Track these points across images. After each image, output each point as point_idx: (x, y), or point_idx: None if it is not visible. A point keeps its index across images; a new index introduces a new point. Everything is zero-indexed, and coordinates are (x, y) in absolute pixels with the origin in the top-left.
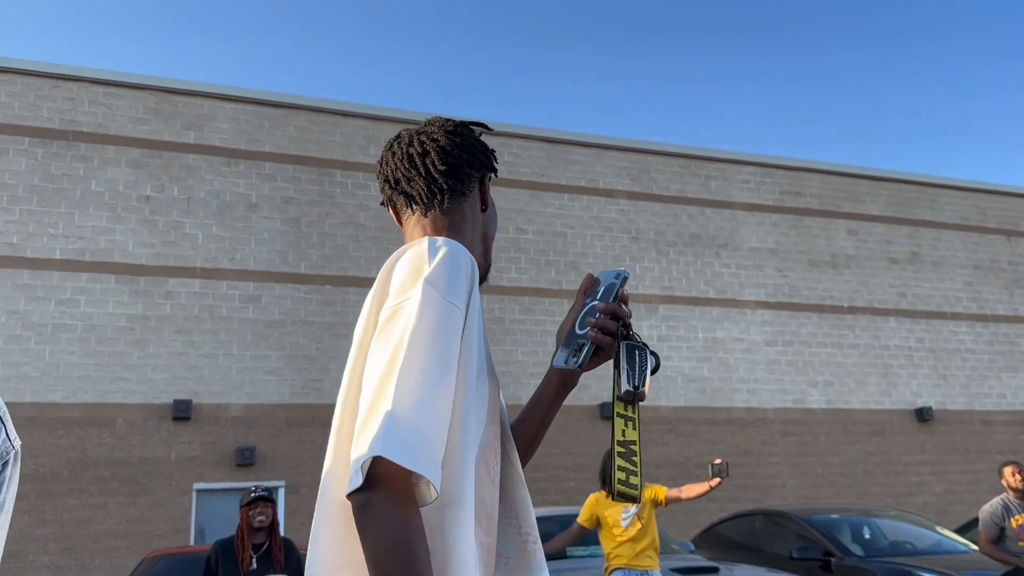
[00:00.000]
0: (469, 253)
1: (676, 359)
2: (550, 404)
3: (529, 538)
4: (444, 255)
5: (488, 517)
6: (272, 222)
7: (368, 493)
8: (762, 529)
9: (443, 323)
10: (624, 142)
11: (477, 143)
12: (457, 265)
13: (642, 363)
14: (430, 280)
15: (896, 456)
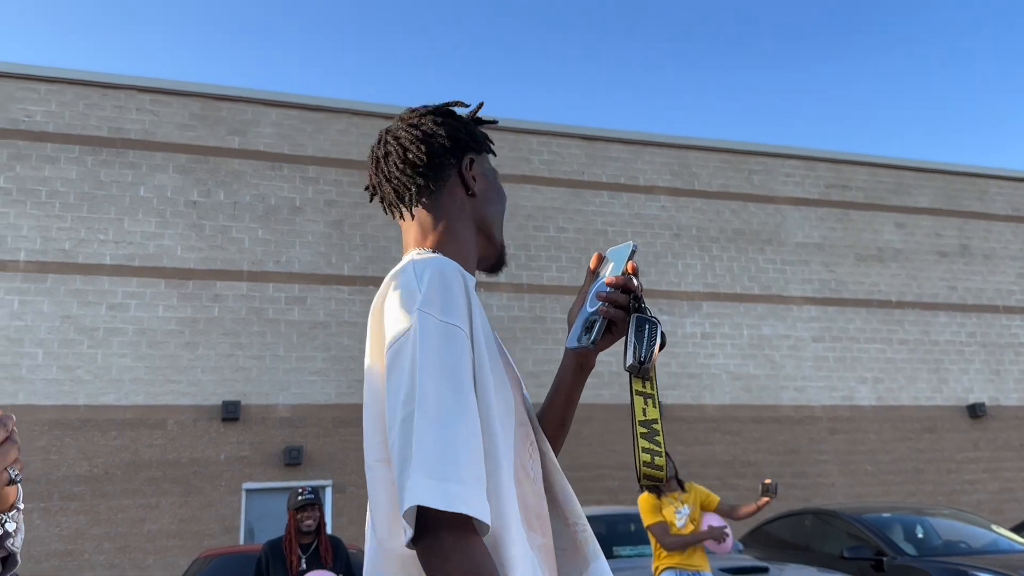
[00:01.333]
0: (455, 265)
1: (721, 357)
2: (570, 388)
3: (577, 527)
4: (431, 278)
5: (539, 518)
6: (316, 225)
7: (428, 540)
8: (812, 528)
9: (448, 347)
10: (664, 138)
11: (445, 129)
12: (446, 283)
13: (651, 337)
14: (423, 308)
15: (948, 453)
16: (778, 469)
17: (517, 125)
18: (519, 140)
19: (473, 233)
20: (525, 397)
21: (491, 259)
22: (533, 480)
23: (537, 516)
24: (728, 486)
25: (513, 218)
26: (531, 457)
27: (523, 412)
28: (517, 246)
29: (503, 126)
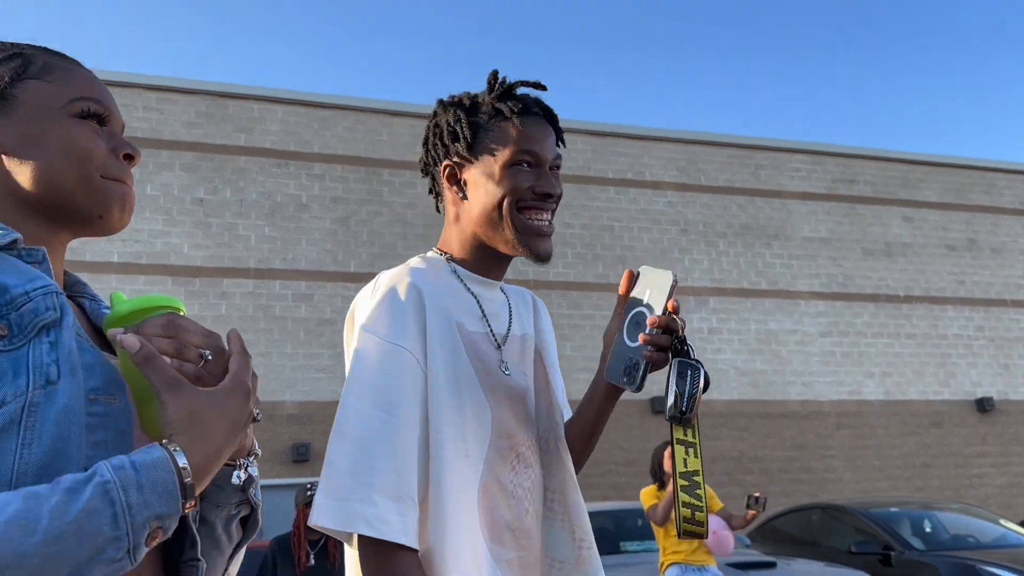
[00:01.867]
0: (413, 283)
1: (728, 352)
2: (600, 410)
3: (583, 544)
4: (381, 297)
5: (514, 531)
6: (322, 222)
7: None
8: (819, 523)
9: (384, 368)
10: (671, 133)
11: (440, 130)
12: (393, 303)
13: (693, 384)
14: (367, 327)
15: (956, 448)
16: (785, 464)
17: None
18: None
19: (467, 234)
20: (529, 406)
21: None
22: (511, 494)
23: (512, 530)
24: (735, 481)
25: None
26: (513, 471)
27: (511, 423)
28: None
29: None
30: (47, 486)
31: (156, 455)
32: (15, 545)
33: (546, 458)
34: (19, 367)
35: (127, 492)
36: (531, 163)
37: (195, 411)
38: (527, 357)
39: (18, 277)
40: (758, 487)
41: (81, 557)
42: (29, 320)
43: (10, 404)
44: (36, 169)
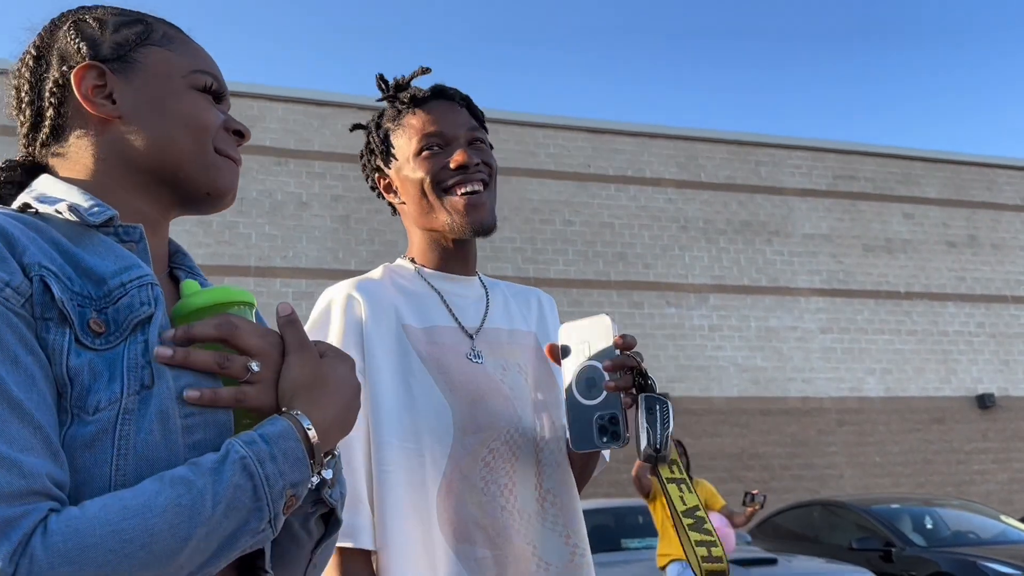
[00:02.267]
0: (349, 294)
1: (728, 349)
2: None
3: (577, 550)
4: (314, 313)
5: (485, 529)
6: (322, 220)
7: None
8: (820, 520)
9: None
10: (671, 130)
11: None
12: (321, 317)
13: (664, 419)
14: None
15: (957, 444)
16: (786, 461)
17: (523, 118)
18: (525, 133)
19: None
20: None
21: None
22: (482, 491)
23: (483, 528)
24: (736, 478)
25: (519, 211)
26: (487, 467)
27: (483, 418)
28: (523, 239)
29: (508, 119)
30: (186, 469)
31: (282, 426)
32: (178, 530)
33: (543, 455)
34: (114, 370)
35: (263, 464)
36: (440, 144)
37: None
38: (516, 351)
39: (115, 263)
40: (759, 484)
41: (229, 530)
42: (125, 316)
43: (104, 411)
44: (153, 137)
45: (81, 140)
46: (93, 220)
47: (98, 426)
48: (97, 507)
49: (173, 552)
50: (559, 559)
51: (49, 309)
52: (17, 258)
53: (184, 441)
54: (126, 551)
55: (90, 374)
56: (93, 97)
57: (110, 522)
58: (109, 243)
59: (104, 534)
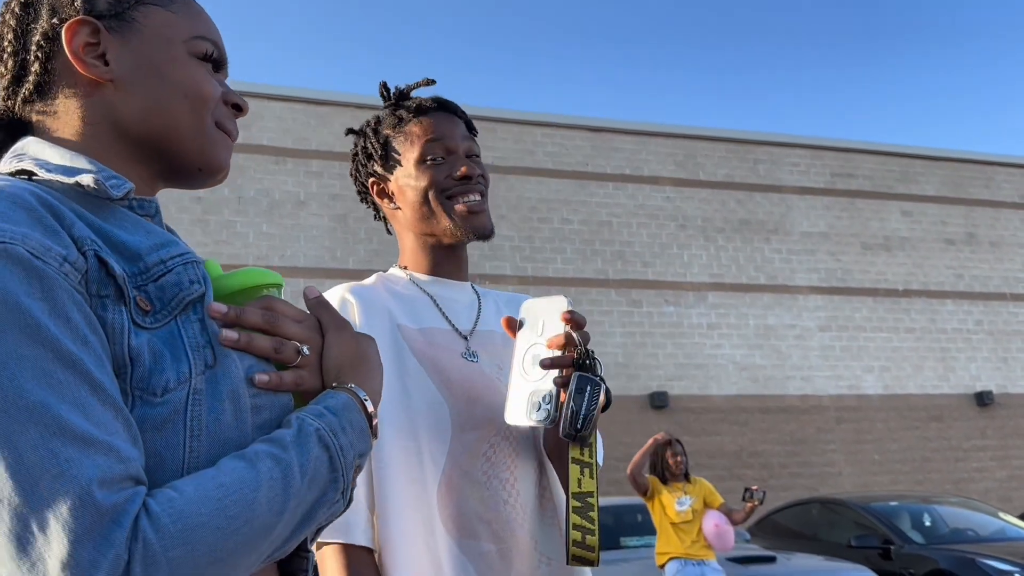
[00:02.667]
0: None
1: (727, 347)
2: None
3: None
4: None
5: (487, 523)
6: (320, 219)
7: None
8: (819, 517)
9: None
10: (669, 128)
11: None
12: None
13: (591, 401)
14: None
15: (956, 442)
16: (785, 459)
17: (522, 117)
18: (524, 132)
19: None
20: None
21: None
22: (484, 485)
23: (487, 522)
24: (735, 476)
25: (517, 210)
26: (488, 461)
27: (482, 415)
28: (521, 238)
29: (506, 117)
30: (265, 445)
31: (343, 398)
32: (275, 504)
33: (541, 452)
34: (177, 349)
35: (336, 435)
36: (442, 155)
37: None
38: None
39: (146, 238)
40: (758, 482)
41: (310, 502)
42: (173, 295)
43: (174, 391)
44: (148, 105)
45: (69, 101)
46: (115, 194)
47: (168, 407)
48: (192, 487)
49: (270, 527)
50: (559, 554)
51: (105, 286)
52: (67, 231)
53: (253, 421)
54: (232, 527)
55: (151, 354)
56: (84, 56)
57: (211, 500)
58: (133, 217)
59: (209, 512)
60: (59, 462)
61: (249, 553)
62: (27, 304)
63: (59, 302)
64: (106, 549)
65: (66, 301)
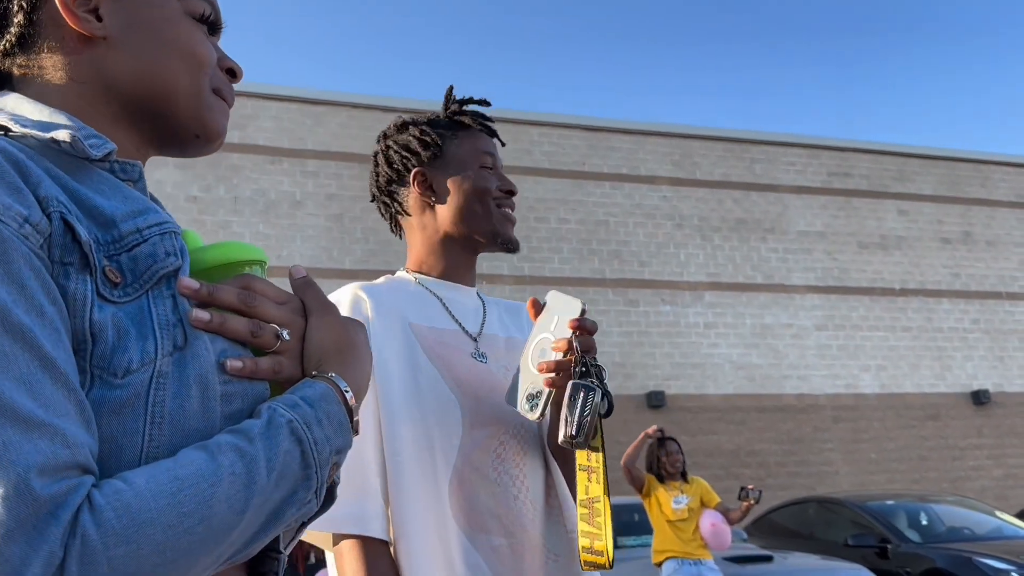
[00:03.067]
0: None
1: (724, 346)
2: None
3: (574, 535)
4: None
5: (498, 518)
6: (316, 219)
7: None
8: (816, 516)
9: None
10: (666, 127)
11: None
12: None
13: (584, 408)
14: None
15: (952, 440)
16: (782, 458)
17: (518, 116)
18: (520, 131)
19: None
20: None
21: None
22: (495, 481)
23: (498, 516)
24: (732, 475)
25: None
26: (498, 457)
27: (491, 412)
28: (519, 238)
29: (503, 117)
30: (230, 436)
31: (321, 388)
32: (235, 502)
33: (547, 451)
34: (144, 327)
35: (310, 429)
36: (492, 166)
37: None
38: (516, 355)
39: (123, 204)
40: (755, 481)
41: (277, 501)
42: (146, 267)
43: (136, 372)
44: (142, 66)
45: (55, 56)
46: (95, 153)
47: (129, 390)
48: (143, 479)
49: (230, 526)
50: (564, 550)
51: (69, 252)
52: (32, 190)
53: (222, 411)
54: (184, 526)
55: (115, 330)
56: (76, 9)
57: (163, 495)
58: (113, 181)
59: (159, 508)
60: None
61: (203, 555)
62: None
63: (13, 266)
64: (39, 544)
65: (22, 266)
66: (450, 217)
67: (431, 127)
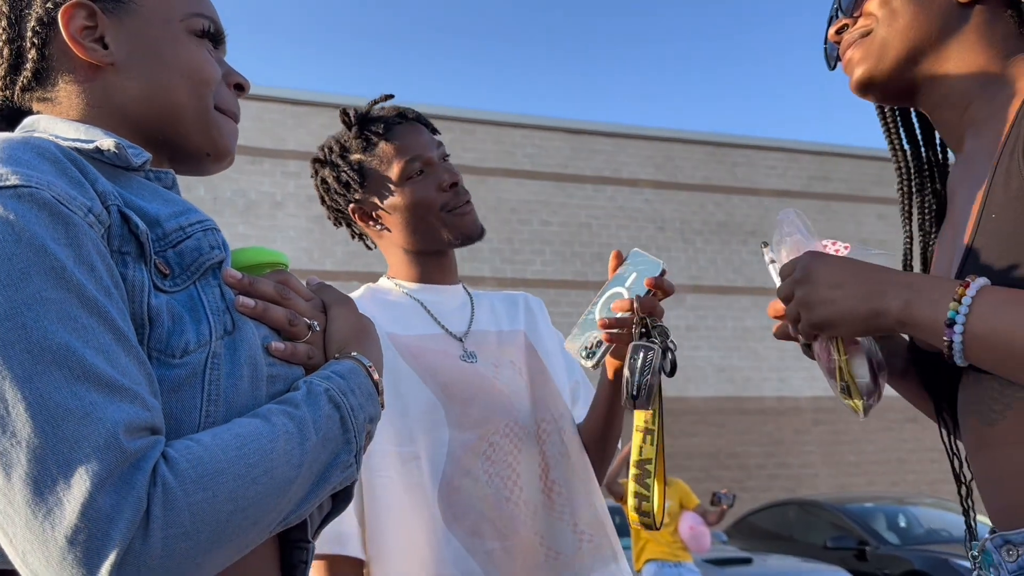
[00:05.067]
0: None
1: (705, 349)
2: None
3: (584, 536)
4: None
5: (491, 522)
6: (297, 220)
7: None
8: (795, 519)
9: None
10: (648, 131)
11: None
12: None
13: (644, 368)
14: None
15: (931, 443)
16: (762, 460)
17: (500, 118)
18: (502, 133)
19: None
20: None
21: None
22: (486, 484)
23: (490, 520)
24: (713, 478)
25: (497, 212)
26: (488, 460)
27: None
28: (501, 240)
29: (486, 119)
30: (276, 405)
31: (349, 364)
32: (292, 456)
33: (547, 447)
34: (197, 312)
35: (346, 396)
36: (420, 168)
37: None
38: (508, 349)
39: (165, 206)
40: (735, 483)
41: (324, 462)
42: (192, 259)
43: (193, 353)
44: (150, 86)
45: (69, 87)
46: (137, 161)
47: (187, 370)
48: (209, 436)
49: (289, 479)
50: (568, 548)
51: (127, 243)
52: (91, 184)
53: (267, 391)
54: (251, 476)
55: (169, 315)
56: (82, 39)
57: (230, 448)
58: (151, 186)
59: (228, 459)
60: (83, 405)
61: (269, 507)
62: (53, 248)
63: (84, 250)
64: (127, 492)
65: (91, 250)
66: (402, 236)
67: (343, 159)
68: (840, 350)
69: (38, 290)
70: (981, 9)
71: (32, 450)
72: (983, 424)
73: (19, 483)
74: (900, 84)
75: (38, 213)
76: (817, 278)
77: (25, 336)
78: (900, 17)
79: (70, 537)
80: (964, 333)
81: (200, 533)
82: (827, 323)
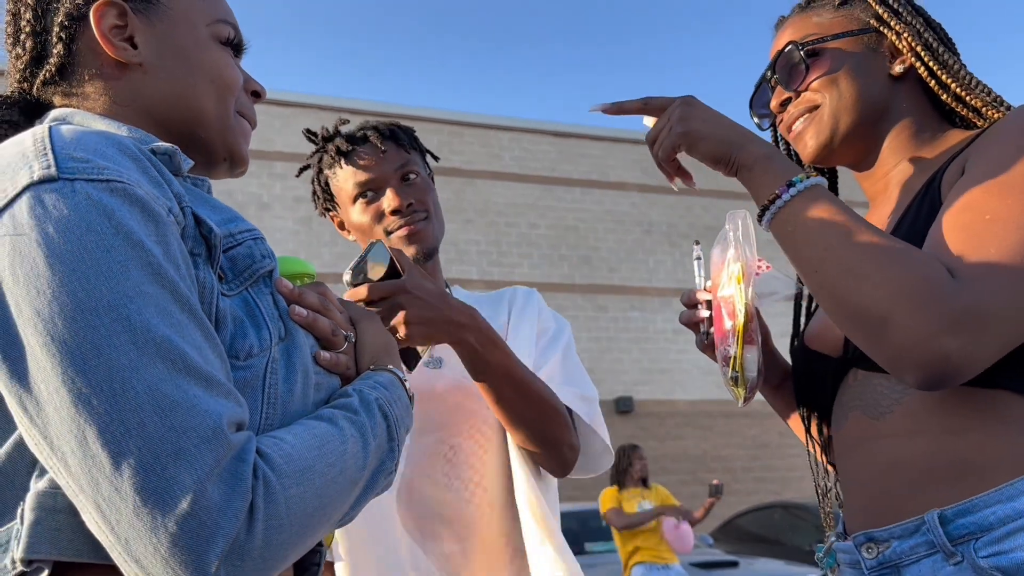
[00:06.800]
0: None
1: (691, 352)
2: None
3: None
4: None
5: (450, 525)
6: (284, 222)
7: None
8: (781, 522)
9: None
10: (636, 134)
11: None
12: None
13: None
14: None
15: None
16: (748, 463)
17: (488, 121)
18: (490, 136)
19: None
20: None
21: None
22: (447, 486)
23: (449, 523)
24: (699, 480)
25: (484, 215)
26: (448, 463)
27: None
28: (488, 242)
29: (473, 122)
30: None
31: (388, 376)
32: (359, 459)
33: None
34: (255, 317)
35: (392, 406)
36: (372, 189)
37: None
38: None
39: (213, 212)
40: None
41: (374, 467)
42: (245, 266)
43: (256, 357)
44: (177, 89)
45: (95, 83)
46: (186, 166)
47: (250, 372)
48: (290, 435)
49: (355, 481)
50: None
51: (199, 244)
52: (167, 184)
53: (314, 398)
54: (331, 475)
55: (232, 318)
56: (112, 38)
57: (312, 447)
58: (196, 192)
59: (313, 458)
60: (188, 397)
61: (341, 505)
62: (148, 244)
63: (171, 248)
64: (235, 485)
65: (176, 249)
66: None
67: (319, 173)
68: (740, 343)
69: (138, 284)
70: (912, 83)
71: (142, 438)
72: (870, 418)
73: (128, 470)
74: (848, 151)
75: (131, 208)
76: (700, 108)
77: (129, 327)
78: (846, 94)
79: (182, 526)
80: (793, 197)
81: (292, 527)
82: (694, 135)
